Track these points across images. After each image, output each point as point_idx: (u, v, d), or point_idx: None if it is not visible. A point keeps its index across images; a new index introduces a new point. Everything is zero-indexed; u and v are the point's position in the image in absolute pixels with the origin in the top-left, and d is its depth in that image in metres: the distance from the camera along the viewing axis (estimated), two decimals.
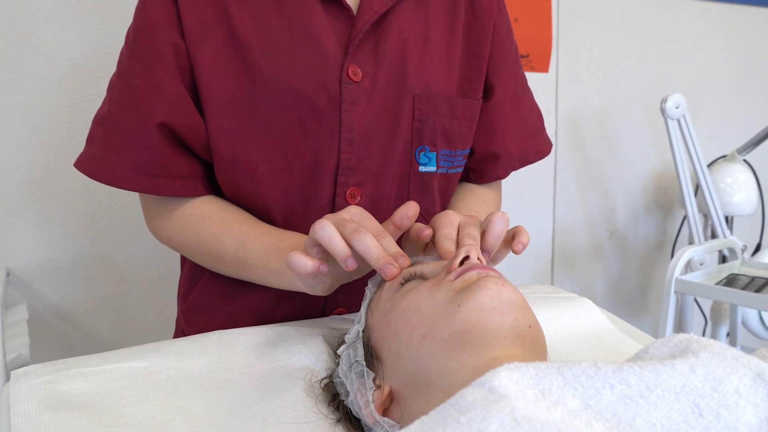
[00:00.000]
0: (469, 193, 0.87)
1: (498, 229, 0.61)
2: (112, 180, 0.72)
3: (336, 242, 0.56)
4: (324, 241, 0.56)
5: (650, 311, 2.18)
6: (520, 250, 0.62)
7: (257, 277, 0.71)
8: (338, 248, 0.56)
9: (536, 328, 0.52)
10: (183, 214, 0.74)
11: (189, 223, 0.74)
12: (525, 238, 0.62)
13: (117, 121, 0.71)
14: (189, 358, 0.63)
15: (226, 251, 0.71)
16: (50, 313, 1.28)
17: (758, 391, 0.33)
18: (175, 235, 0.75)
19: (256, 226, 0.72)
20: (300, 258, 0.56)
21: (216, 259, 0.73)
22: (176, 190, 0.73)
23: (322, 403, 0.58)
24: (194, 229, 0.73)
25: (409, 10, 0.75)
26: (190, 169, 0.74)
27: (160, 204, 0.76)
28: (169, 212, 0.75)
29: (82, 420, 0.53)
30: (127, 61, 0.73)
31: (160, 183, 0.72)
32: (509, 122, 0.85)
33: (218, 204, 0.75)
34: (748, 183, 1.83)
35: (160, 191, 0.73)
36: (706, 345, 0.37)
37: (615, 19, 1.93)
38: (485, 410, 0.31)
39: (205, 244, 0.73)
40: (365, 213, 0.60)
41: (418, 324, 0.51)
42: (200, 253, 0.74)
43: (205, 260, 0.75)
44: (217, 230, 0.72)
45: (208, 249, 0.73)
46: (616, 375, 0.34)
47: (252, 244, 0.70)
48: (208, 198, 0.76)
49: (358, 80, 0.71)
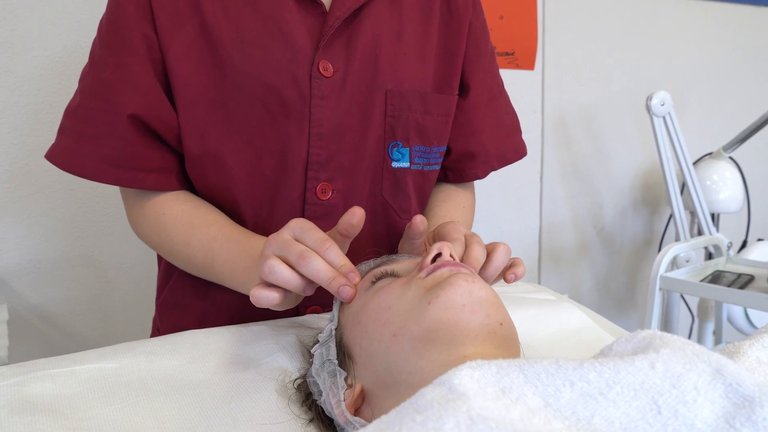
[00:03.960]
0: (449, 199, 0.86)
1: (500, 261, 0.62)
2: (83, 172, 0.71)
3: (288, 279, 0.56)
4: (277, 282, 0.56)
5: (638, 309, 2.18)
6: (511, 280, 0.64)
7: (226, 283, 0.71)
8: (293, 284, 0.56)
9: (508, 325, 0.52)
10: (155, 214, 0.74)
11: (161, 224, 0.74)
12: (521, 270, 0.64)
13: (88, 112, 0.71)
14: (161, 359, 0.62)
15: (195, 256, 0.71)
16: (31, 314, 1.27)
17: (716, 387, 0.32)
18: (150, 234, 0.76)
19: (222, 231, 0.71)
20: (263, 294, 0.56)
21: (187, 263, 0.74)
22: (148, 183, 0.72)
23: (295, 404, 0.58)
24: (166, 231, 0.73)
25: (383, 7, 0.75)
26: (162, 162, 0.73)
27: (136, 198, 0.76)
28: (144, 209, 0.75)
29: (49, 423, 0.52)
30: (99, 52, 0.72)
31: (131, 176, 0.71)
32: (486, 121, 0.85)
33: (189, 204, 0.75)
34: (734, 180, 1.83)
35: (132, 184, 0.72)
36: (668, 341, 0.36)
37: (601, 16, 1.93)
38: (441, 409, 0.30)
39: (176, 246, 0.73)
40: (305, 224, 0.59)
41: (389, 322, 0.51)
42: (172, 255, 0.75)
43: (178, 262, 0.75)
44: (186, 234, 0.72)
45: (177, 251, 0.73)
46: (576, 372, 0.33)
47: (218, 252, 0.70)
48: (180, 196, 0.75)
49: (329, 75, 0.71)
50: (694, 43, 2.12)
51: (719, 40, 2.17)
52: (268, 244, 0.58)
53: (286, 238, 0.57)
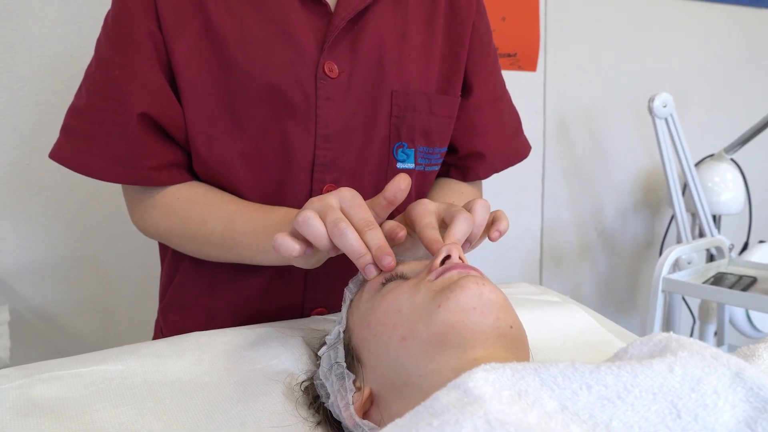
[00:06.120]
0: (446, 186, 0.86)
1: (480, 218, 0.59)
2: (95, 173, 0.70)
3: (319, 234, 0.54)
4: (307, 234, 0.54)
5: (639, 310, 2.18)
6: (496, 238, 0.60)
7: (245, 256, 0.68)
8: (321, 241, 0.54)
9: (518, 328, 0.51)
10: (168, 200, 0.73)
11: (175, 207, 0.72)
12: (503, 225, 0.60)
13: (97, 113, 0.70)
14: (166, 361, 0.62)
15: (212, 231, 0.69)
16: (32, 315, 1.26)
17: (737, 390, 0.32)
18: (160, 222, 0.73)
19: (242, 204, 0.71)
20: (286, 241, 0.54)
21: (202, 242, 0.71)
22: (162, 179, 0.72)
23: (302, 406, 0.58)
24: (180, 213, 0.72)
25: (387, 8, 0.75)
26: (173, 157, 0.72)
27: (145, 193, 0.75)
28: (153, 200, 0.74)
29: (55, 426, 0.51)
30: (105, 51, 0.71)
31: (144, 174, 0.71)
32: (490, 121, 0.84)
33: (203, 187, 0.74)
34: (736, 182, 1.83)
35: (145, 182, 0.71)
36: (685, 344, 0.36)
37: (603, 17, 1.93)
38: (458, 413, 0.30)
39: (191, 226, 0.71)
40: (356, 198, 0.57)
41: (398, 325, 0.51)
42: (186, 237, 0.72)
43: (190, 245, 0.73)
44: (204, 212, 0.71)
45: (193, 231, 0.71)
46: (593, 375, 0.33)
47: (239, 222, 0.68)
48: (192, 183, 0.74)
49: (334, 76, 0.71)
50: (696, 44, 2.12)
51: (721, 42, 2.17)
52: (311, 201, 0.56)
53: (332, 204, 0.56)
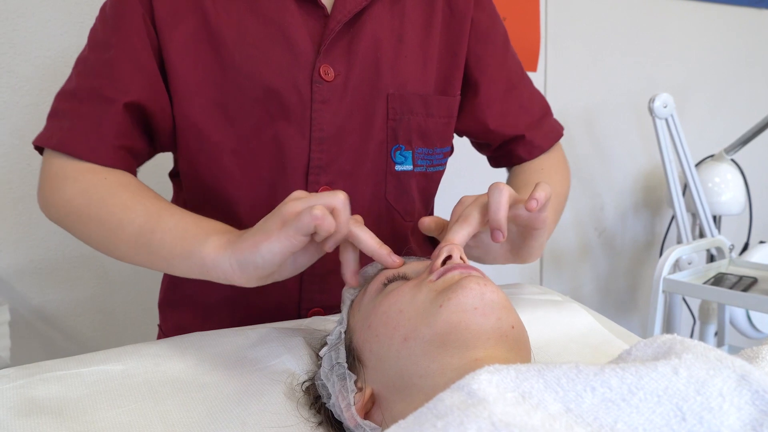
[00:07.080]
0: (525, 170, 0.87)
1: (495, 202, 0.56)
2: (81, 150, 0.68)
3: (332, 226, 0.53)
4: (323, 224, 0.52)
5: (639, 311, 2.18)
6: (533, 208, 0.55)
7: (157, 257, 0.62)
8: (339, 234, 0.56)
9: (519, 328, 0.51)
10: (95, 178, 0.67)
11: (98, 185, 0.66)
12: (541, 193, 0.55)
13: (87, 92, 0.69)
14: (167, 361, 0.62)
15: (132, 221, 0.63)
16: (33, 315, 1.26)
17: (742, 393, 0.32)
18: (75, 196, 0.66)
19: (176, 207, 0.66)
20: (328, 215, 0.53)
21: (112, 230, 0.64)
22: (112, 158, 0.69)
23: (303, 407, 0.57)
24: (102, 192, 0.66)
25: (384, 10, 0.75)
26: (141, 147, 0.72)
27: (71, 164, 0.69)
28: (77, 173, 0.68)
29: (55, 426, 0.51)
30: (102, 35, 0.72)
31: (105, 150, 0.68)
32: (508, 113, 0.84)
33: (141, 183, 0.70)
34: (736, 182, 1.83)
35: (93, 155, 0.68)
36: (689, 346, 0.36)
37: (604, 18, 1.93)
38: (463, 415, 0.30)
39: (108, 208, 0.64)
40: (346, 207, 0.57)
41: (399, 325, 0.51)
42: (96, 220, 0.65)
43: (97, 231, 0.66)
44: (130, 199, 0.65)
45: (108, 215, 0.64)
46: (597, 377, 0.33)
47: (166, 219, 0.62)
48: (131, 174, 0.71)
49: (330, 79, 0.71)
50: (696, 45, 2.12)
51: (721, 43, 2.17)
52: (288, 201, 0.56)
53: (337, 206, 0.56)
